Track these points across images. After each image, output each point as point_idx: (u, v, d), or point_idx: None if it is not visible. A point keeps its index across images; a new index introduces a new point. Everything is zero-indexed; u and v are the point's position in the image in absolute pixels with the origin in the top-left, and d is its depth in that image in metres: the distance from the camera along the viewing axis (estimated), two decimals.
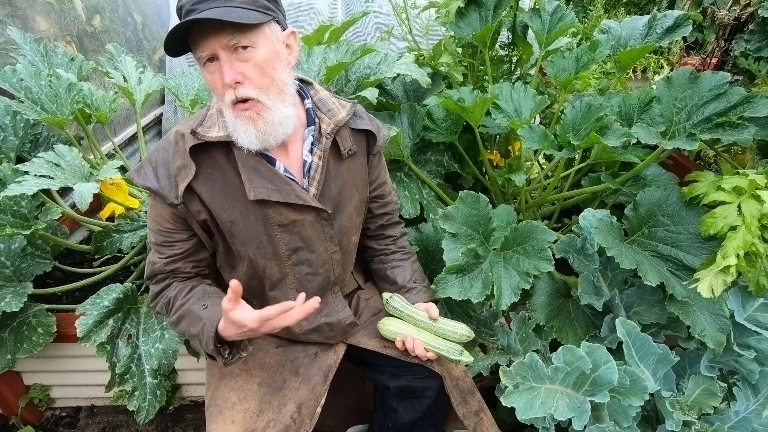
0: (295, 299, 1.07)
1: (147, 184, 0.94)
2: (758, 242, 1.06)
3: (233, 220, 0.97)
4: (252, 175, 0.94)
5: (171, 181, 0.93)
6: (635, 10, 3.40)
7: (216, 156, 0.95)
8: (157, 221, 0.99)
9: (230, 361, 0.95)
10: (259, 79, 0.87)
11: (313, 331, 1.12)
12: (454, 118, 1.59)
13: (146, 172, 0.95)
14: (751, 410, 1.15)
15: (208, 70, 0.87)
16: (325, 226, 1.04)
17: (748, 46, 1.65)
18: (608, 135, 1.31)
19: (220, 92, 0.89)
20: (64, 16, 2.05)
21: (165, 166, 0.94)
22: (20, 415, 1.63)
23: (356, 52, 1.53)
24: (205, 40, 0.83)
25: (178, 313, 0.98)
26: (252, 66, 0.86)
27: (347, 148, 1.05)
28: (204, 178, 0.95)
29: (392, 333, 1.12)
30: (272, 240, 1.00)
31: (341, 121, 1.02)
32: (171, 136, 0.96)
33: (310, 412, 1.06)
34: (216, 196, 0.96)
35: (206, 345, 0.92)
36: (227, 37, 0.83)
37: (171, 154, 0.94)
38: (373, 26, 2.78)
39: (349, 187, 1.08)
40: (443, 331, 1.12)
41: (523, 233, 1.26)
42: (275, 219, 0.98)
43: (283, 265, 1.04)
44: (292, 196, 0.97)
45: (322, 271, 1.08)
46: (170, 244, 1.01)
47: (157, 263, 1.02)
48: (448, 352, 1.08)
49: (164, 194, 0.93)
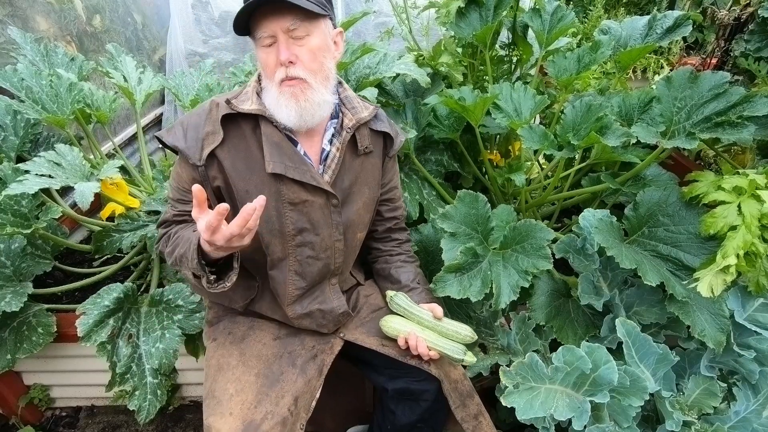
0: (294, 281, 1.10)
1: (175, 143, 1.00)
2: (758, 242, 1.06)
3: (248, 190, 1.02)
4: (273, 149, 1.00)
5: (198, 144, 0.99)
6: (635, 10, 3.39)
7: (244, 128, 1.02)
8: (177, 178, 1.07)
9: (213, 286, 0.95)
10: (310, 63, 0.96)
11: (306, 316, 1.13)
12: (457, 116, 1.60)
13: (176, 132, 1.02)
14: (751, 410, 1.15)
15: (265, 50, 0.96)
16: (333, 212, 1.08)
17: (748, 46, 1.65)
18: (608, 135, 1.31)
19: (271, 70, 0.96)
20: (64, 16, 2.05)
21: (195, 129, 1.00)
22: (20, 414, 1.63)
23: (356, 52, 1.54)
24: (268, 21, 0.92)
25: (174, 241, 1.02)
26: (306, 50, 0.95)
27: (364, 145, 1.11)
28: (229, 147, 1.01)
29: (395, 330, 1.12)
30: (280, 217, 1.04)
31: (363, 119, 1.09)
32: (207, 104, 1.03)
33: (306, 405, 1.07)
34: (237, 164, 1.01)
35: (191, 261, 0.92)
36: (289, 22, 0.92)
37: (203, 119, 1.00)
38: (373, 26, 2.79)
39: (360, 183, 1.12)
40: (447, 330, 1.12)
41: (522, 232, 1.26)
42: (287, 196, 1.03)
43: (286, 245, 1.07)
44: (307, 176, 1.02)
45: (324, 257, 1.10)
46: (185, 202, 1.08)
47: (168, 213, 1.10)
48: (452, 352, 1.08)
49: (188, 154, 0.99)
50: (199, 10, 2.82)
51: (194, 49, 2.79)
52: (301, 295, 1.12)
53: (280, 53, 0.93)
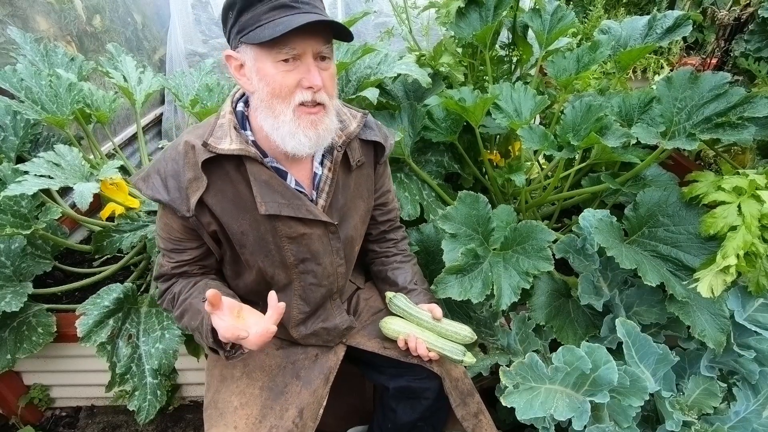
0: (298, 305, 1.08)
1: (157, 197, 0.92)
2: (758, 242, 1.06)
3: (243, 231, 0.97)
4: (263, 189, 0.94)
5: (182, 194, 0.92)
6: (635, 10, 3.39)
7: (227, 168, 0.94)
8: (167, 230, 0.99)
9: (232, 355, 0.95)
10: (331, 89, 0.92)
11: (312, 336, 1.13)
12: (454, 118, 1.59)
13: (155, 183, 0.93)
14: (751, 410, 1.15)
15: (282, 68, 0.86)
16: (332, 239, 1.05)
17: (748, 46, 1.65)
18: (608, 135, 1.31)
19: (288, 91, 0.87)
20: (64, 16, 2.05)
21: (175, 177, 0.92)
22: (20, 414, 1.63)
23: (356, 52, 1.53)
24: (302, 39, 0.84)
25: (182, 308, 0.99)
26: (329, 75, 0.90)
27: (356, 159, 1.05)
28: (215, 191, 0.94)
29: (394, 332, 1.11)
30: (280, 250, 1.01)
31: (353, 133, 1.03)
32: (180, 146, 0.93)
33: (313, 415, 1.07)
34: (227, 207, 0.95)
35: (206, 338, 0.92)
36: (322, 44, 0.87)
37: (181, 165, 0.92)
38: (373, 26, 2.78)
39: (355, 198, 1.09)
40: (446, 331, 1.11)
41: (523, 233, 1.26)
42: (284, 231, 0.99)
43: (290, 272, 1.05)
44: (302, 210, 0.97)
45: (326, 284, 1.09)
46: (180, 251, 1.01)
47: (165, 266, 1.03)
48: (451, 353, 1.08)
49: (176, 207, 0.92)
50: (199, 10, 2.82)
51: (194, 49, 2.79)
52: (304, 318, 1.11)
53: (313, 78, 0.85)
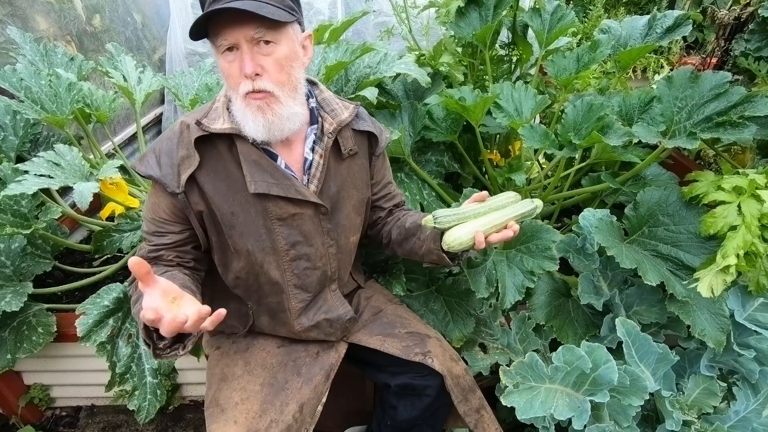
0: (295, 294, 1.07)
1: (149, 172, 0.94)
2: (758, 242, 1.06)
3: (233, 211, 0.98)
4: (253, 168, 0.95)
5: (174, 170, 0.93)
6: (635, 9, 3.40)
7: (219, 148, 0.96)
8: (153, 210, 0.99)
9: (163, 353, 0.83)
10: (277, 75, 0.89)
11: (313, 328, 1.13)
12: (454, 118, 1.59)
13: (149, 160, 0.95)
14: (751, 410, 1.15)
15: (226, 58, 0.88)
16: (323, 220, 1.05)
17: (748, 45, 1.65)
18: (609, 134, 1.31)
19: (235, 81, 0.89)
20: (64, 15, 2.05)
21: (168, 155, 0.94)
22: (20, 414, 1.63)
23: (356, 52, 1.53)
24: (230, 29, 0.84)
25: (137, 294, 0.90)
26: (272, 61, 0.88)
27: (348, 147, 1.06)
28: (207, 170, 0.95)
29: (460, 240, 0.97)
30: (270, 233, 1.01)
31: (344, 121, 1.03)
32: (176, 126, 0.96)
33: (312, 410, 1.07)
34: (218, 187, 0.96)
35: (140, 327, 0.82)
36: (253, 29, 0.85)
37: (175, 144, 0.94)
38: (373, 26, 2.78)
39: (348, 187, 1.09)
40: (500, 202, 1.04)
41: (527, 232, 1.27)
42: (275, 212, 0.99)
43: (281, 261, 1.04)
44: (292, 190, 0.98)
45: (320, 265, 1.09)
46: (160, 234, 0.99)
47: (142, 249, 1.01)
48: (521, 210, 1.02)
49: (166, 183, 0.93)
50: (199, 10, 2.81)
51: (194, 48, 2.79)
52: (305, 306, 1.11)
53: (245, 65, 0.86)
